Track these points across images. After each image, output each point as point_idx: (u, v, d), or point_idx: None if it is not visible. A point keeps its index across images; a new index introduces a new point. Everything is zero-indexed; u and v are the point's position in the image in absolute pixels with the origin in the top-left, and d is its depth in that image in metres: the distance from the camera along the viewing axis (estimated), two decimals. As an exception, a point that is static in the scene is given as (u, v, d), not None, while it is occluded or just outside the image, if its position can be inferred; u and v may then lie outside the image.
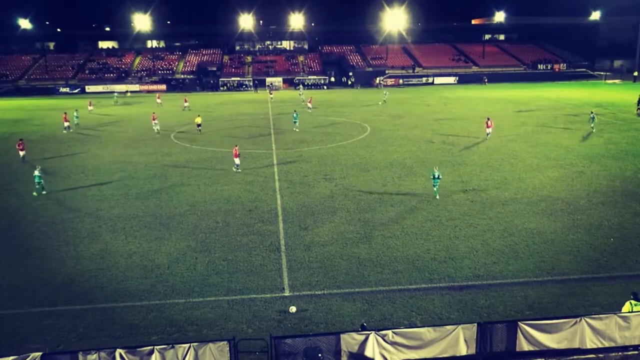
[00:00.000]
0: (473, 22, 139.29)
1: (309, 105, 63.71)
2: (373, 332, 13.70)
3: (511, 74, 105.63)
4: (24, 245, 23.32)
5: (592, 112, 48.12)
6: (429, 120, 55.88)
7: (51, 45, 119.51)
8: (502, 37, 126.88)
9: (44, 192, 30.78)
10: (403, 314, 17.06)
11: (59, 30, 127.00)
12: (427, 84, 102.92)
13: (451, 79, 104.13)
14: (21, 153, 38.99)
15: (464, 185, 31.07)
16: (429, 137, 46.10)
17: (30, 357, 12.71)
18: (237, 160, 34.70)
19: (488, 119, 45.40)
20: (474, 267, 20.26)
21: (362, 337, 13.62)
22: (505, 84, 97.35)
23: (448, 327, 13.97)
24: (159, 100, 75.34)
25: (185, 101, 70.86)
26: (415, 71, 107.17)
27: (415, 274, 19.84)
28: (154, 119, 50.95)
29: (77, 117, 55.42)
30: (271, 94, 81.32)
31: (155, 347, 13.10)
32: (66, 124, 52.39)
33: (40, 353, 12.83)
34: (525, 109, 63.26)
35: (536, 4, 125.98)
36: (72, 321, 16.94)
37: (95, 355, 12.88)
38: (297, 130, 49.80)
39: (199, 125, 49.66)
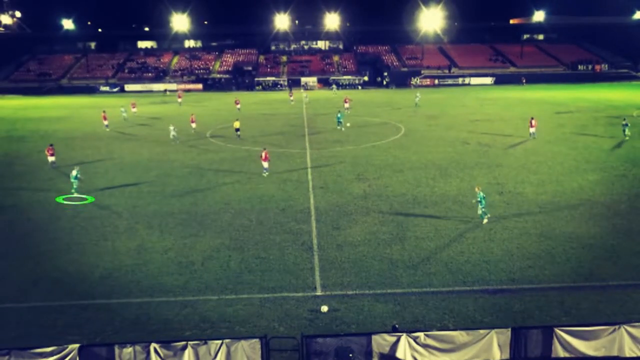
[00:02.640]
0: (511, 21, 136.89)
1: (346, 105, 63.53)
2: (405, 333, 13.62)
3: (550, 75, 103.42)
4: (63, 239, 23.97)
5: (624, 120, 44.64)
6: (464, 121, 55.19)
7: (92, 45, 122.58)
8: (541, 37, 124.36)
9: (73, 192, 30.71)
10: (435, 317, 16.90)
11: (100, 30, 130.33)
12: (463, 84, 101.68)
13: (488, 80, 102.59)
14: (50, 159, 37.35)
15: (500, 187, 30.57)
16: (465, 138, 45.54)
17: (69, 348, 13.07)
18: (265, 164, 34.03)
19: (532, 118, 44.72)
20: (508, 271, 19.92)
21: (394, 339, 13.56)
22: (543, 85, 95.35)
23: (481, 331, 13.79)
24: (179, 100, 75.97)
25: (237, 103, 68.18)
26: (451, 71, 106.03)
27: (448, 276, 19.63)
28: (192, 121, 51.00)
29: (124, 111, 60.11)
30: (291, 95, 78.60)
31: (188, 342, 13.31)
32: (105, 122, 53.55)
33: (78, 345, 13.18)
34: (564, 110, 61.87)
35: (577, 3, 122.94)
36: (108, 315, 17.34)
37: (130, 349, 13.16)
38: (342, 129, 49.54)
39: (237, 129, 47.47)
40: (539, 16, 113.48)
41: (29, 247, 23.06)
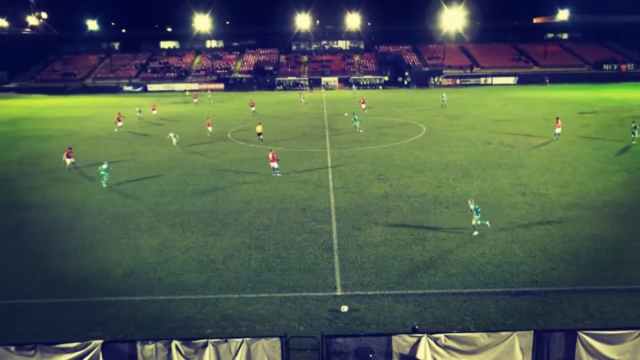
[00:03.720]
0: (534, 20, 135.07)
1: (363, 106, 63.32)
2: (425, 335, 13.54)
3: (574, 74, 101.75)
4: (88, 237, 24.34)
5: (634, 122, 42.64)
6: (486, 121, 54.68)
7: (116, 45, 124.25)
8: (565, 36, 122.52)
9: (104, 186, 32.32)
10: (456, 318, 16.78)
11: (123, 31, 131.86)
12: (485, 84, 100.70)
13: (510, 79, 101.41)
14: (68, 161, 36.84)
15: (522, 188, 30.22)
16: (487, 138, 45.11)
17: (92, 344, 13.26)
18: (275, 165, 33.88)
19: (557, 118, 44.15)
20: (531, 273, 19.69)
21: (414, 340, 13.49)
22: (567, 85, 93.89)
23: (503, 333, 13.65)
24: (195, 100, 76.01)
25: (252, 105, 64.63)
26: (473, 71, 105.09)
27: (469, 277, 19.47)
28: (208, 125, 49.91)
29: (139, 111, 60.59)
30: (303, 97, 76.05)
31: (209, 340, 13.41)
32: (119, 123, 53.15)
33: (101, 341, 13.37)
34: (589, 110, 60.90)
35: (602, 2, 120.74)
36: (131, 311, 17.57)
37: (152, 346, 13.30)
38: (360, 131, 48.99)
39: (259, 134, 45.02)
40: (563, 15, 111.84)
41: (54, 244, 23.47)
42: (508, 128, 49.88)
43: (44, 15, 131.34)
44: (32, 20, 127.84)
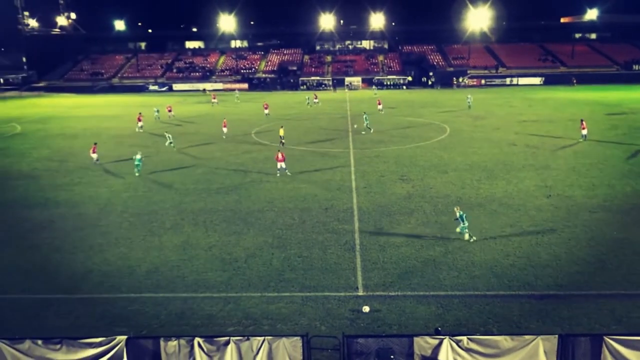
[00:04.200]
0: (562, 20, 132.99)
1: (379, 107, 62.99)
2: (447, 337, 13.43)
3: (602, 75, 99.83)
4: (113, 234, 24.71)
5: None
6: (511, 122, 54.01)
7: (142, 45, 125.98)
8: (593, 36, 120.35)
9: (137, 175, 34.74)
10: (479, 321, 16.61)
11: (150, 31, 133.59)
12: (510, 84, 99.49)
13: (537, 80, 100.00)
14: (93, 155, 38.52)
15: (548, 190, 29.78)
16: (512, 139, 44.56)
17: (117, 339, 13.44)
18: (282, 165, 34.03)
19: (582, 120, 43.49)
20: (556, 276, 19.39)
21: (436, 342, 13.39)
22: (595, 86, 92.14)
23: (527, 337, 13.46)
24: (214, 100, 76.02)
25: (266, 107, 63.02)
26: (498, 71, 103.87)
27: (493, 280, 19.26)
28: (224, 126, 49.54)
29: (157, 111, 61.40)
30: (316, 98, 74.75)
31: (231, 338, 13.49)
32: (139, 123, 53.41)
33: (125, 337, 13.54)
34: (618, 111, 59.74)
35: (632, 1, 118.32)
36: (155, 308, 17.79)
37: (175, 342, 13.44)
38: (371, 131, 48.76)
39: (282, 137, 43.99)
40: (591, 14, 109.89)
41: (81, 241, 23.88)
42: (533, 129, 49.20)
43: (73, 15, 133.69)
44: (61, 20, 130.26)
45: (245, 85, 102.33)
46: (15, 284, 19.78)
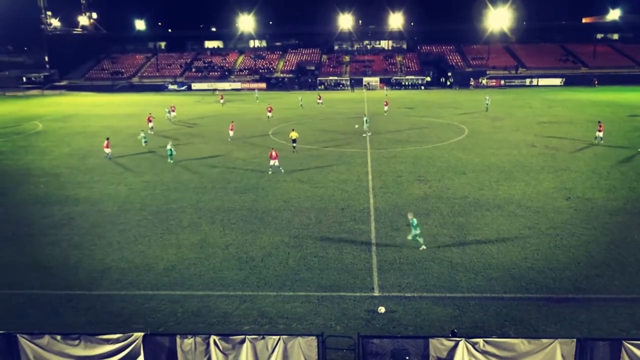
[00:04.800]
0: (584, 20, 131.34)
1: (385, 108, 62.56)
2: (463, 339, 13.34)
3: (625, 76, 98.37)
4: (131, 231, 24.97)
5: None
6: (531, 123, 53.47)
7: (162, 44, 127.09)
8: (615, 36, 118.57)
9: (171, 162, 38.13)
10: (496, 323, 16.48)
11: (169, 30, 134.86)
12: (530, 85, 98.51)
13: (557, 81, 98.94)
14: (106, 150, 39.81)
15: (567, 192, 29.43)
16: (531, 140, 44.10)
17: (134, 336, 13.57)
18: (275, 162, 34.58)
19: (599, 122, 42.86)
20: (575, 279, 19.15)
21: (452, 344, 13.30)
22: (617, 87, 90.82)
23: (544, 340, 13.31)
24: (221, 101, 76.02)
25: (269, 110, 60.95)
26: (518, 72, 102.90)
27: (510, 282, 19.08)
28: (231, 129, 48.05)
29: (169, 111, 61.74)
30: (320, 98, 74.17)
31: (247, 336, 13.54)
32: (150, 124, 52.41)
33: (142, 333, 13.67)
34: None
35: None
36: (171, 306, 17.93)
37: (191, 340, 13.53)
38: (369, 134, 47.65)
39: (294, 141, 41.77)
40: (614, 15, 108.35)
41: (99, 238, 24.16)
42: (553, 130, 48.64)
43: (94, 15, 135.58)
44: (83, 20, 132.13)
45: (264, 85, 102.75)
46: (35, 280, 20.08)
